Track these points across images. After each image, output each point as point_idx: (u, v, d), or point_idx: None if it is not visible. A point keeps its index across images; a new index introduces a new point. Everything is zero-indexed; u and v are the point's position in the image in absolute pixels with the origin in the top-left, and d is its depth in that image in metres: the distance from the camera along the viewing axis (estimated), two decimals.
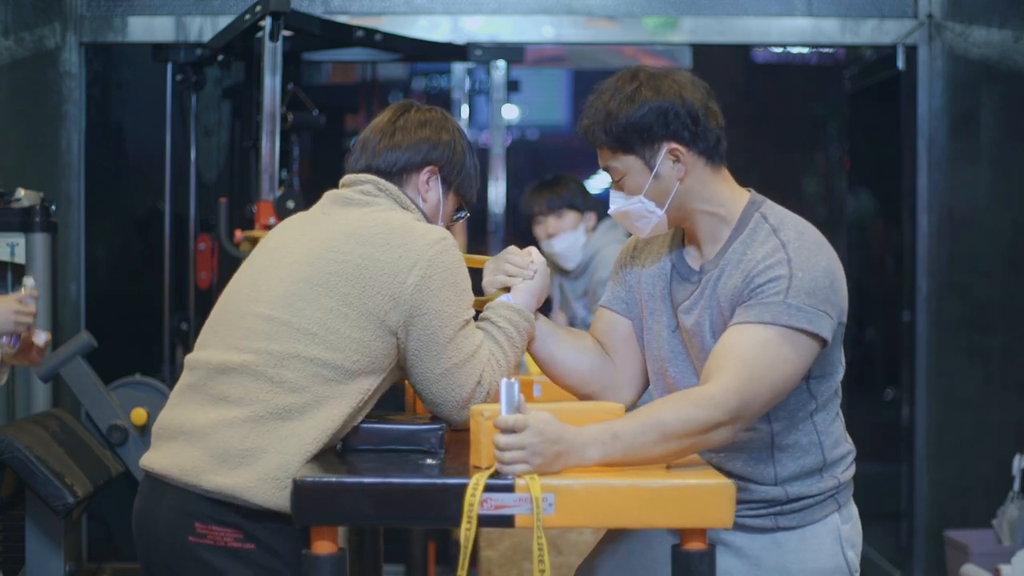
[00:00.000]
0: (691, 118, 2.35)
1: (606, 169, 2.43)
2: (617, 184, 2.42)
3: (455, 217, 2.64)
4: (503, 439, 2.11)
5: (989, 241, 4.89)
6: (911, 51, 5.37)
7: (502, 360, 2.45)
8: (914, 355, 5.40)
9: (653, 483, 2.11)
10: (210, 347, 2.43)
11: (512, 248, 2.63)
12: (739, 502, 2.40)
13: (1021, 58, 4.59)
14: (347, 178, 2.55)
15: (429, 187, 2.55)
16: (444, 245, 2.40)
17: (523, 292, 2.54)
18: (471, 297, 2.45)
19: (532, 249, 2.63)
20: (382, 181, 2.51)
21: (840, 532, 2.44)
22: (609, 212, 2.46)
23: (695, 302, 2.40)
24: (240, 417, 2.31)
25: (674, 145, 2.35)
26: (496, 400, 2.39)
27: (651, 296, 2.51)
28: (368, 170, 2.54)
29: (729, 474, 2.41)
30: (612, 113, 2.35)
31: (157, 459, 2.38)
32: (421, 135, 2.55)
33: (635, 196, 2.39)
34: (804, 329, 2.25)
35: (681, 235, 2.51)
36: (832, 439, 2.44)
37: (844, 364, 2.45)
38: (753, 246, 2.34)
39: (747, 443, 2.40)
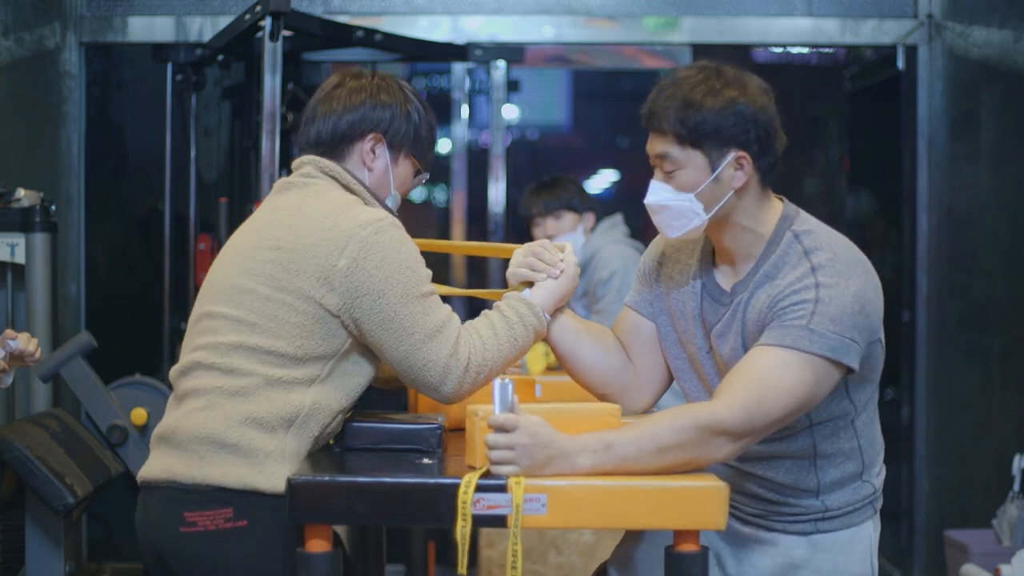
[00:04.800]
0: (766, 131, 2.28)
1: (659, 156, 2.32)
2: (666, 175, 2.32)
3: (415, 181, 2.57)
4: (493, 438, 2.11)
5: (989, 241, 4.89)
6: (911, 51, 5.36)
7: (489, 339, 2.39)
8: (914, 355, 5.39)
9: (646, 484, 2.11)
10: (180, 358, 2.47)
11: (545, 242, 2.55)
12: (779, 514, 2.41)
13: (1021, 58, 4.59)
14: (294, 162, 2.52)
15: (375, 155, 2.48)
16: (379, 226, 2.33)
17: (544, 290, 2.48)
18: (422, 273, 2.37)
19: (568, 247, 2.55)
20: (322, 160, 2.45)
21: (872, 539, 2.43)
22: (646, 202, 2.34)
23: (728, 326, 2.35)
24: (198, 407, 2.34)
25: (743, 153, 2.28)
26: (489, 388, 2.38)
27: (683, 315, 2.45)
28: (310, 145, 2.48)
29: (771, 483, 2.39)
30: (693, 103, 2.25)
31: (147, 470, 2.42)
32: (356, 100, 2.47)
33: (685, 193, 2.30)
34: (825, 356, 2.20)
35: (711, 251, 2.44)
36: (870, 439, 2.42)
37: (882, 364, 2.39)
38: (784, 269, 2.29)
39: (789, 453, 2.37)
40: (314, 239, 2.32)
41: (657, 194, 2.33)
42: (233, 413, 2.31)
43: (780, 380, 2.19)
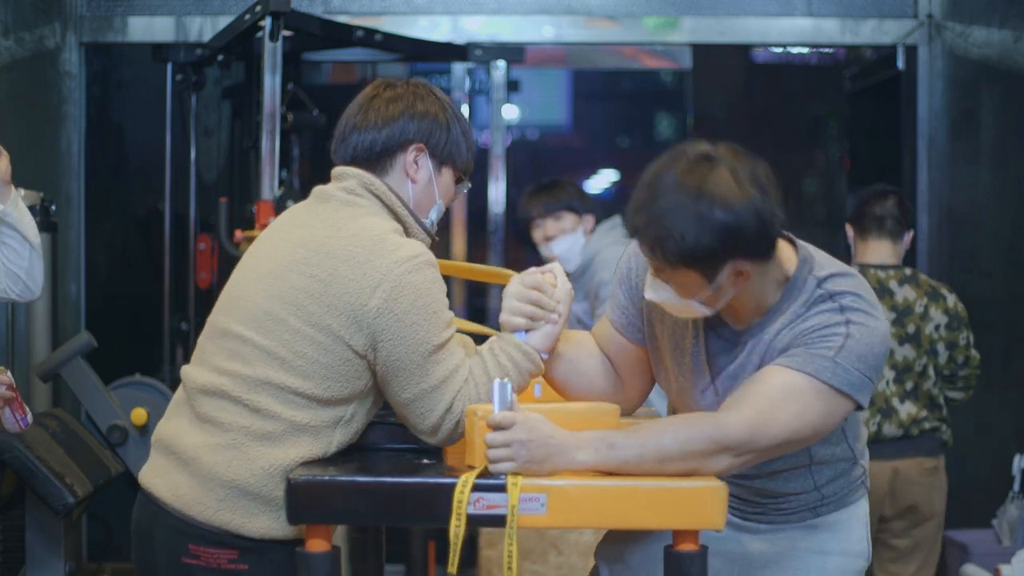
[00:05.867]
0: (760, 231, 2.12)
1: (656, 271, 2.20)
2: (664, 280, 2.21)
3: (458, 189, 2.48)
4: (491, 436, 2.10)
5: (989, 241, 4.89)
6: (911, 51, 5.37)
7: (484, 391, 2.30)
8: None
9: (645, 484, 2.11)
10: (198, 364, 2.40)
11: (535, 276, 2.38)
12: (777, 509, 2.41)
13: (1021, 58, 4.59)
14: (335, 170, 2.43)
15: (418, 166, 2.39)
16: (414, 264, 2.25)
17: (542, 336, 2.36)
18: (445, 318, 2.29)
19: (556, 269, 2.41)
20: (367, 176, 2.36)
21: (865, 515, 2.45)
22: (646, 297, 2.25)
23: (742, 367, 2.27)
24: (222, 443, 2.29)
25: (740, 264, 2.15)
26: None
27: (678, 348, 2.35)
28: (351, 159, 2.40)
29: (769, 493, 2.40)
30: (673, 234, 2.09)
31: (152, 479, 2.37)
32: (394, 111, 2.38)
33: (687, 300, 2.19)
34: (843, 391, 2.17)
35: None
36: (855, 435, 2.43)
37: None
38: (811, 312, 2.21)
39: (786, 468, 2.37)
40: (349, 272, 2.25)
41: (658, 293, 2.23)
42: (259, 459, 2.27)
43: (791, 403, 2.16)
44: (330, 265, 2.26)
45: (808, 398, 2.16)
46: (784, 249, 2.26)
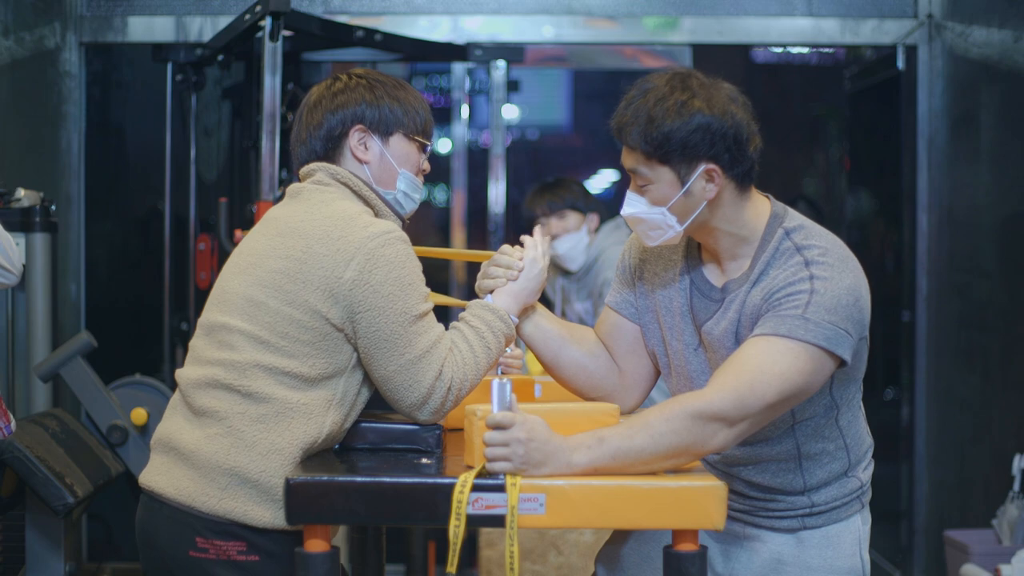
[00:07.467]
0: (736, 141, 2.26)
1: (631, 171, 2.33)
2: (639, 188, 2.33)
3: (425, 152, 2.55)
4: (489, 435, 2.11)
5: (989, 241, 4.89)
6: (911, 51, 5.37)
7: (468, 357, 2.39)
8: (914, 355, 5.39)
9: (644, 484, 2.11)
10: (190, 364, 2.46)
11: (504, 248, 2.56)
12: (766, 511, 2.42)
13: (1021, 58, 4.59)
14: (302, 171, 2.53)
15: (366, 147, 2.47)
16: (387, 238, 2.32)
17: (504, 294, 2.48)
18: (422, 291, 2.37)
19: (528, 241, 2.54)
20: (332, 167, 2.46)
21: (860, 533, 2.44)
22: (622, 214, 2.37)
23: (718, 322, 2.36)
24: (220, 432, 2.32)
25: (712, 166, 2.27)
26: (465, 398, 2.40)
27: (669, 311, 2.45)
28: (311, 157, 2.50)
29: (758, 486, 2.41)
30: (656, 120, 2.24)
31: (153, 477, 2.40)
32: (330, 107, 2.47)
33: (658, 207, 2.31)
34: (820, 346, 2.20)
35: (696, 247, 2.45)
36: (855, 437, 2.43)
37: (866, 362, 2.40)
38: (776, 266, 2.29)
39: (774, 456, 2.39)
40: (323, 249, 2.31)
41: (632, 206, 2.34)
42: (257, 443, 2.30)
43: (773, 365, 2.19)
44: (304, 244, 2.34)
45: (788, 357, 2.19)
46: (760, 202, 2.37)
